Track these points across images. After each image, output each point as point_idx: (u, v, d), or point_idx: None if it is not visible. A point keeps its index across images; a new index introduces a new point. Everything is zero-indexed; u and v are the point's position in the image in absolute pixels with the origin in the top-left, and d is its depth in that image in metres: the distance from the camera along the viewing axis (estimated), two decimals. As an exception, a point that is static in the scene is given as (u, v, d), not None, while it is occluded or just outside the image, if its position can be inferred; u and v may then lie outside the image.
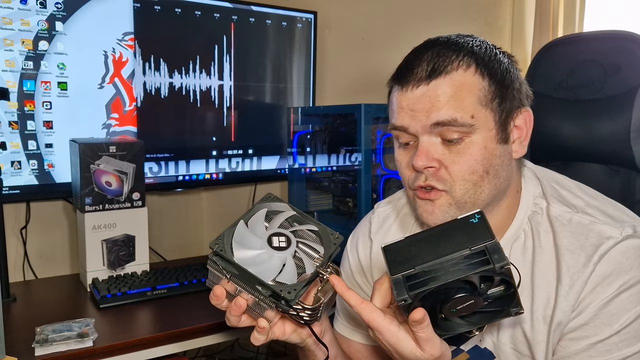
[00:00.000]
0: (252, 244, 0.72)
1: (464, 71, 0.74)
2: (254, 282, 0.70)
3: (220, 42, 1.69)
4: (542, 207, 0.80)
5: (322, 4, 1.94)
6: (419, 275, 0.64)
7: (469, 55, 0.75)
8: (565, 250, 0.75)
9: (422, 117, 0.74)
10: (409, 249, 0.67)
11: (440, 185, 0.75)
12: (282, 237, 0.74)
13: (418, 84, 0.74)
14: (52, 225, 1.56)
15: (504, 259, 0.61)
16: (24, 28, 1.38)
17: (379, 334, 0.67)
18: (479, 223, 0.65)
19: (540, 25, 2.09)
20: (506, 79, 0.76)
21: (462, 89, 0.73)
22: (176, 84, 1.62)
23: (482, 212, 0.66)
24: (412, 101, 0.75)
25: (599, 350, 0.72)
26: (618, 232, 0.73)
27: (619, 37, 1.20)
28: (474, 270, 0.62)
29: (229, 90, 1.73)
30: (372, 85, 1.97)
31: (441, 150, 0.75)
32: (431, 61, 0.74)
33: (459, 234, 0.65)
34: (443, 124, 0.73)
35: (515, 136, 0.78)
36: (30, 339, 1.05)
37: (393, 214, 0.96)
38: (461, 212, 0.76)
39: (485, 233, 0.64)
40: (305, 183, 1.77)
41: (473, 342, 0.83)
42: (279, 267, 0.71)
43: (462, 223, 0.66)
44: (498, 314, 0.68)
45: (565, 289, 0.74)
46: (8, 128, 1.39)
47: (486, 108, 0.74)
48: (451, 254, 0.64)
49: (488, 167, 0.75)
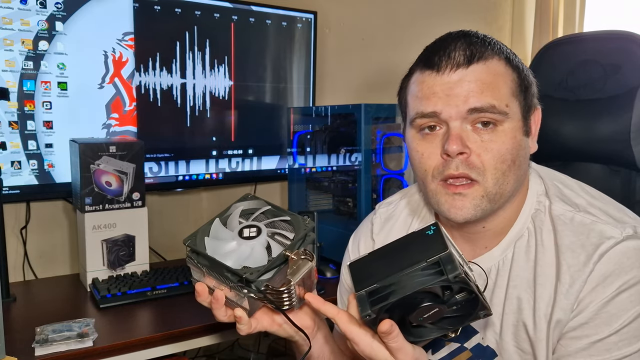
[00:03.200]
0: (224, 237, 0.75)
1: (498, 61, 0.75)
2: (222, 270, 0.72)
3: (220, 42, 1.69)
4: (545, 205, 0.80)
5: (322, 4, 1.94)
6: (380, 290, 0.66)
7: (499, 48, 0.77)
8: (565, 248, 0.75)
9: (459, 102, 0.73)
10: (371, 265, 0.69)
11: (474, 173, 0.74)
12: (252, 229, 0.76)
13: (456, 67, 0.74)
14: (52, 225, 1.56)
15: (456, 269, 0.63)
16: (24, 28, 1.38)
17: (355, 344, 0.69)
18: (434, 235, 0.67)
19: (540, 25, 2.09)
20: (528, 77, 0.79)
21: (498, 77, 0.74)
22: (176, 84, 1.62)
23: (438, 223, 0.69)
24: (449, 85, 0.74)
25: (598, 349, 0.72)
26: (619, 233, 0.73)
27: (619, 37, 1.20)
28: (431, 281, 0.64)
29: (229, 90, 1.73)
30: (372, 85, 1.97)
31: (473, 137, 0.74)
32: (468, 47, 0.75)
33: (415, 247, 0.67)
34: (481, 110, 0.73)
35: (533, 131, 0.80)
36: (30, 339, 1.05)
37: (394, 215, 0.96)
38: (490, 204, 0.76)
39: (440, 245, 0.66)
40: (305, 183, 1.77)
41: (476, 341, 0.83)
42: (248, 255, 0.72)
43: (418, 236, 0.69)
44: (466, 318, 0.70)
45: (565, 287, 0.74)
46: (8, 128, 1.39)
47: (516, 99, 0.76)
48: (408, 268, 0.65)
49: (515, 157, 0.75)
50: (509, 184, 0.76)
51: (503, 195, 0.76)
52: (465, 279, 0.64)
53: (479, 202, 0.75)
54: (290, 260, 0.74)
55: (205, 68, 1.67)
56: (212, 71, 1.68)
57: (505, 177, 0.75)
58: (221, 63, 1.70)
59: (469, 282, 0.65)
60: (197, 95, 1.67)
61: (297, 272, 0.74)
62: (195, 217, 1.85)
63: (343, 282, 1.01)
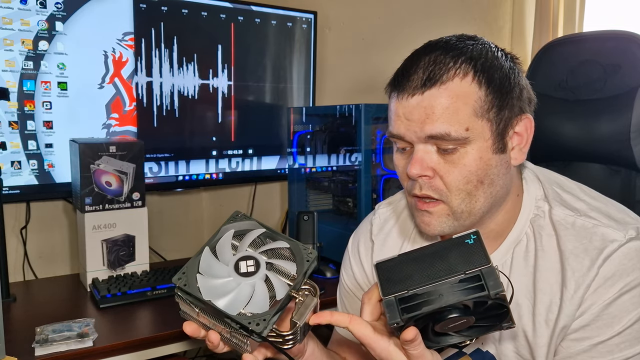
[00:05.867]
0: (219, 273, 0.67)
1: (460, 80, 0.71)
2: (222, 316, 0.65)
3: (221, 42, 1.69)
4: (545, 210, 0.79)
5: (322, 4, 1.94)
6: (412, 297, 0.63)
7: (467, 62, 0.72)
8: (569, 254, 0.74)
9: (416, 127, 0.72)
10: (402, 269, 0.65)
11: (436, 194, 0.74)
12: (249, 261, 0.68)
13: (413, 92, 0.72)
14: (52, 225, 1.56)
15: (499, 285, 0.60)
16: (24, 28, 1.38)
17: (371, 349, 0.67)
18: (474, 244, 0.64)
19: (540, 25, 2.09)
20: (505, 87, 0.73)
21: (457, 100, 0.71)
22: (176, 84, 1.62)
23: (478, 232, 0.65)
24: (408, 110, 0.73)
25: (600, 351, 0.72)
26: (622, 235, 0.73)
27: (619, 37, 1.20)
28: (468, 295, 0.61)
29: (229, 90, 1.73)
30: (372, 85, 1.97)
31: (436, 159, 0.73)
32: (427, 69, 0.72)
33: (453, 255, 0.64)
34: (437, 137, 0.72)
35: (515, 143, 0.76)
36: (30, 339, 1.05)
37: (393, 216, 0.96)
38: (458, 222, 0.75)
39: (481, 256, 0.62)
40: (305, 183, 1.77)
41: (475, 346, 0.83)
42: (248, 295, 0.66)
43: (457, 243, 0.64)
44: (491, 328, 0.68)
45: (570, 293, 0.73)
46: (8, 128, 1.39)
47: (482, 119, 0.72)
48: (445, 278, 0.62)
49: (483, 177, 0.73)
50: (478, 202, 0.75)
51: (472, 213, 0.75)
52: (505, 296, 0.61)
53: (445, 220, 0.76)
54: (294, 300, 0.69)
55: (205, 68, 1.67)
56: (212, 71, 1.68)
57: (472, 197, 0.74)
58: (222, 63, 1.69)
59: (506, 299, 0.62)
60: (197, 95, 1.67)
61: (304, 313, 0.69)
62: (195, 217, 1.85)
63: (343, 282, 1.00)
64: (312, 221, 1.35)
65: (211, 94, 1.69)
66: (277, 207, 2.00)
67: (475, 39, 0.76)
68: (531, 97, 0.78)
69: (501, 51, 0.77)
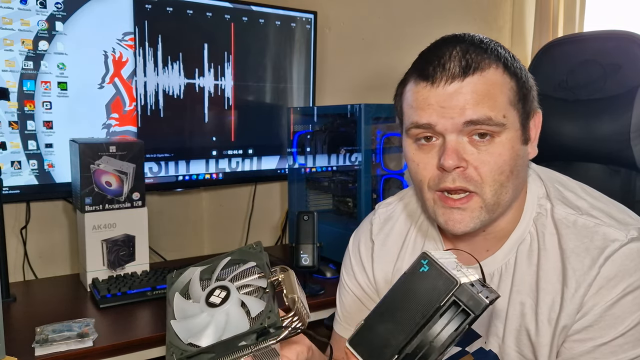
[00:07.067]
0: (192, 312, 0.65)
1: (495, 70, 0.73)
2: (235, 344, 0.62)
3: (221, 42, 1.69)
4: (547, 208, 0.79)
5: (322, 4, 1.94)
6: (406, 358, 0.57)
7: (496, 54, 0.74)
8: (570, 253, 0.74)
9: (454, 114, 0.71)
10: (378, 333, 0.59)
11: (471, 186, 0.73)
12: (217, 291, 0.66)
13: (452, 80, 0.72)
14: (52, 225, 1.56)
15: (479, 301, 0.55)
16: (24, 28, 1.38)
17: None
18: (430, 270, 0.57)
19: (540, 25, 2.09)
20: (527, 82, 0.76)
21: (495, 88, 0.72)
22: (176, 84, 1.62)
23: (426, 254, 0.58)
24: (443, 98, 0.72)
25: (603, 352, 0.72)
26: (623, 235, 0.73)
27: (619, 37, 1.20)
28: (457, 325, 0.56)
29: (229, 90, 1.73)
30: (372, 85, 1.97)
31: (469, 149, 0.73)
32: (463, 57, 0.72)
33: (418, 291, 0.57)
34: (477, 122, 0.71)
35: (532, 137, 0.78)
36: (30, 339, 1.05)
37: (394, 215, 0.95)
38: (489, 215, 0.75)
39: (445, 279, 0.56)
40: (305, 183, 1.77)
41: (478, 345, 0.82)
42: (225, 322, 0.64)
43: (413, 277, 0.58)
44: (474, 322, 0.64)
45: (571, 292, 0.73)
46: (8, 128, 1.39)
47: (514, 108, 0.74)
48: (426, 322, 0.56)
49: (513, 167, 0.74)
50: (508, 194, 0.75)
51: (501, 205, 0.75)
52: (488, 304, 0.56)
53: (478, 214, 0.74)
54: (276, 285, 0.68)
55: (205, 68, 1.67)
56: (212, 71, 1.68)
57: (504, 188, 0.74)
58: (222, 63, 1.70)
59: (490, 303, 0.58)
60: (197, 95, 1.67)
61: (291, 286, 0.68)
62: (195, 217, 1.85)
63: (343, 282, 1.00)
64: (312, 221, 1.35)
65: (211, 93, 1.69)
66: (277, 207, 2.00)
67: (490, 39, 0.78)
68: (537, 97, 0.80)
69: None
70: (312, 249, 1.34)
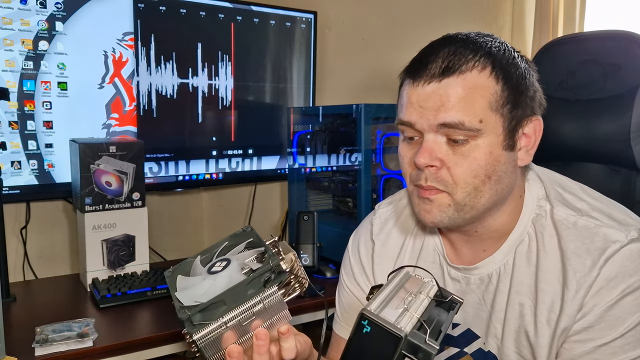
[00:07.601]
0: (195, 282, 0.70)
1: (478, 72, 0.72)
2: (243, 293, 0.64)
3: (221, 42, 1.69)
4: (546, 210, 0.79)
5: (322, 4, 1.94)
6: None
7: (486, 56, 0.73)
8: (571, 254, 0.74)
9: (429, 115, 0.72)
10: None
11: (441, 186, 0.74)
12: (218, 262, 0.70)
13: (430, 80, 0.72)
14: (52, 225, 1.56)
15: (430, 350, 0.55)
16: (24, 28, 1.38)
17: None
18: (372, 330, 0.56)
19: (540, 25, 2.09)
20: (521, 85, 0.74)
21: (474, 91, 0.71)
22: (176, 84, 1.62)
23: (364, 314, 0.56)
24: (422, 97, 0.73)
25: (604, 352, 0.72)
26: (624, 236, 0.73)
27: (619, 37, 1.20)
28: None
29: (229, 90, 1.73)
30: (372, 85, 1.97)
31: (445, 150, 0.73)
32: (446, 58, 0.72)
33: (369, 355, 0.56)
34: (449, 126, 0.71)
35: (523, 144, 0.76)
36: (30, 339, 1.05)
37: (394, 215, 0.95)
38: (459, 214, 0.75)
39: (388, 336, 0.55)
40: (305, 183, 1.77)
41: (477, 345, 0.83)
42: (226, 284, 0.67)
43: (360, 341, 0.56)
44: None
45: (571, 293, 0.73)
46: (8, 128, 1.39)
47: (496, 113, 0.72)
48: None
49: (491, 172, 0.73)
50: (483, 198, 0.75)
51: (475, 208, 0.75)
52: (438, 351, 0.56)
53: (446, 210, 0.75)
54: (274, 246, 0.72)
55: (205, 68, 1.67)
56: (212, 71, 1.68)
57: (478, 192, 0.74)
58: (222, 63, 1.70)
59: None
60: (197, 95, 1.67)
61: (288, 248, 0.72)
62: (195, 217, 1.85)
63: (343, 282, 1.00)
64: (312, 221, 1.36)
65: (211, 93, 1.69)
66: (277, 207, 2.00)
67: (494, 37, 0.77)
68: (542, 102, 0.78)
69: (517, 52, 0.77)
70: (312, 249, 1.34)
